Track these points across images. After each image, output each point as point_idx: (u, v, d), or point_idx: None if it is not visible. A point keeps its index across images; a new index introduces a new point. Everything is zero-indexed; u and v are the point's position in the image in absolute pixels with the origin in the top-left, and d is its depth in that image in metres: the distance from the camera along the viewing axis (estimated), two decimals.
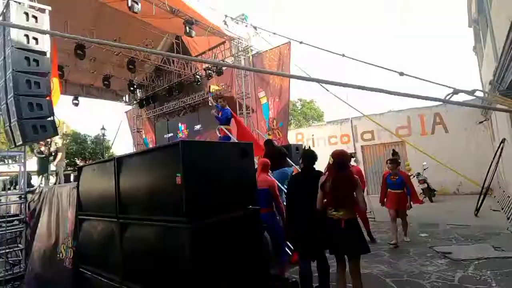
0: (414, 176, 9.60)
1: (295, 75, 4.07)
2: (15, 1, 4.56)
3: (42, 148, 8.72)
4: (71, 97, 14.10)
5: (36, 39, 4.69)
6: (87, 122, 54.71)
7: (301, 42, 4.03)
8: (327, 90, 10.37)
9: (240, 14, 11.21)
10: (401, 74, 2.28)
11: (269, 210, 3.30)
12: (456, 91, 1.55)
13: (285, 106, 11.06)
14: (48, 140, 8.14)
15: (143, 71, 13.73)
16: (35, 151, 9.36)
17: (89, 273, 3.17)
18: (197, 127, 13.27)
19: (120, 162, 2.78)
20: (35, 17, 4.73)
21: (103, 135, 19.81)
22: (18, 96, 4.40)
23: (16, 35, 4.46)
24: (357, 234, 2.83)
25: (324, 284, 3.12)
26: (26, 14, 4.64)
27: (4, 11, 4.74)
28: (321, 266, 3.16)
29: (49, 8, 4.91)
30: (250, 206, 2.60)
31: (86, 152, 20.29)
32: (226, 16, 10.36)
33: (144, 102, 15.21)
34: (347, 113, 13.37)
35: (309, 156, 3.31)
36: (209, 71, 12.09)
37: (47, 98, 4.78)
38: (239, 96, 11.41)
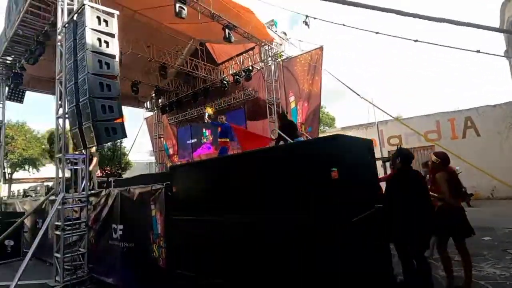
0: None
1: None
2: (89, 5, 4.63)
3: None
4: None
5: (107, 42, 4.76)
6: None
7: (377, 33, 4.07)
8: (358, 94, 10.43)
9: (270, 20, 11.32)
10: None
11: None
12: None
13: (315, 110, 11.06)
14: None
15: (168, 77, 13.82)
16: None
17: (187, 272, 3.12)
18: None
19: (229, 161, 2.76)
20: (106, 21, 4.81)
21: (121, 142, 19.88)
22: (93, 98, 4.44)
23: (91, 38, 4.52)
24: None
25: (429, 283, 3.09)
26: (98, 18, 4.71)
27: (76, 15, 4.83)
28: (423, 266, 3.12)
29: (117, 12, 4.99)
30: (376, 205, 2.57)
31: (105, 159, 20.30)
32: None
33: (167, 108, 15.28)
34: (359, 118, 13.37)
35: (406, 155, 3.28)
36: (237, 77, 12.14)
37: (117, 101, 4.81)
38: (269, 102, 11.42)
